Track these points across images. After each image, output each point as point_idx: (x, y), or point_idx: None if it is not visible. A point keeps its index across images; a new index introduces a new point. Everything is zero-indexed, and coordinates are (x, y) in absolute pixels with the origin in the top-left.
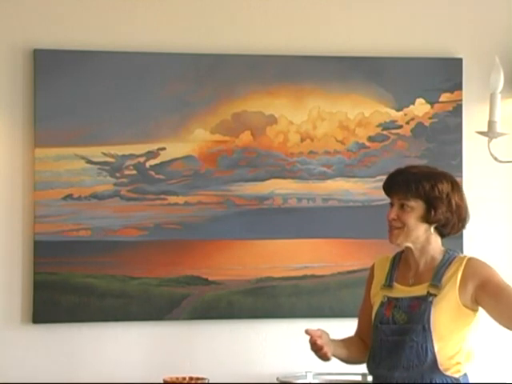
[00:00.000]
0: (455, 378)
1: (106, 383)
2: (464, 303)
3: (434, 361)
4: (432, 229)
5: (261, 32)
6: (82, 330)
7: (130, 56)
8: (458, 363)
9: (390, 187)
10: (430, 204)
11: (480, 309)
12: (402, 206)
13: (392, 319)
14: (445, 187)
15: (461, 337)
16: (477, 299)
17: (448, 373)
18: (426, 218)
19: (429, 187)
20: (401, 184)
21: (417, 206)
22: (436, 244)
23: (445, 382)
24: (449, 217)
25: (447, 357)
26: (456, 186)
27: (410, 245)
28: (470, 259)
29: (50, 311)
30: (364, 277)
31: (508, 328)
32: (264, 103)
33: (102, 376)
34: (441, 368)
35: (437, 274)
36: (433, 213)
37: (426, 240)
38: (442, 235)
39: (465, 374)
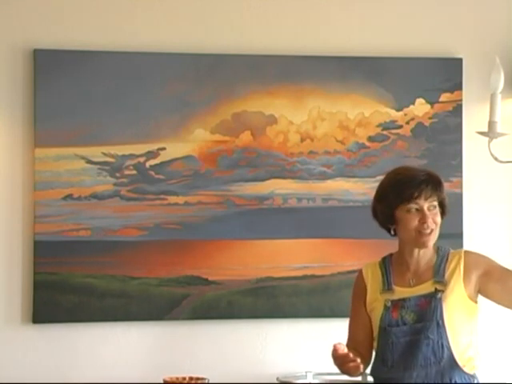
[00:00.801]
0: (472, 376)
1: (106, 383)
2: (469, 295)
3: (451, 356)
4: None
5: (261, 32)
6: (81, 330)
7: (130, 56)
8: (471, 358)
9: (421, 191)
10: (443, 200)
11: (478, 305)
12: (429, 209)
13: (401, 320)
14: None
15: (470, 330)
16: (481, 288)
17: (465, 369)
18: (442, 215)
19: (443, 186)
20: (431, 186)
21: (437, 204)
22: None
23: (464, 381)
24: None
25: (461, 351)
26: None
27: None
28: (466, 252)
29: (49, 311)
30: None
31: None
32: (264, 103)
33: (102, 376)
34: (459, 364)
35: (438, 271)
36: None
37: None
38: None
39: (475, 372)
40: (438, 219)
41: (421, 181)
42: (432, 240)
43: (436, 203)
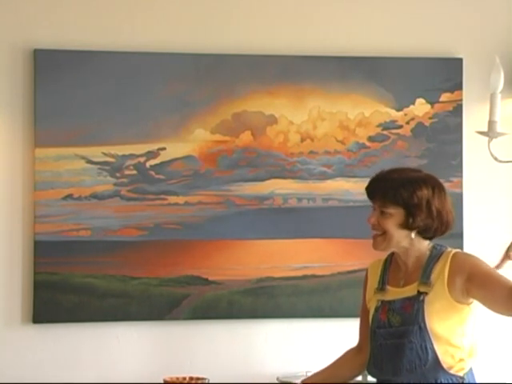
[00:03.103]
0: (460, 377)
1: (106, 383)
2: (456, 299)
3: (436, 360)
4: (413, 234)
5: (261, 32)
6: (82, 330)
7: (129, 56)
8: (461, 360)
9: (370, 193)
10: (409, 211)
11: (472, 307)
12: (382, 212)
13: (388, 323)
14: (424, 194)
15: (459, 332)
16: (468, 292)
17: (452, 371)
18: (406, 225)
19: (407, 195)
20: (379, 191)
21: (396, 212)
22: (421, 245)
23: (450, 381)
24: (429, 223)
25: (449, 354)
26: (437, 191)
27: (393, 249)
28: (454, 254)
29: (50, 311)
30: (364, 277)
31: (504, 314)
32: (264, 103)
33: (102, 376)
34: (444, 366)
35: (425, 271)
36: (411, 220)
37: (408, 244)
38: (426, 238)
39: (470, 370)
40: (387, 225)
41: (371, 182)
42: (380, 244)
43: (388, 210)
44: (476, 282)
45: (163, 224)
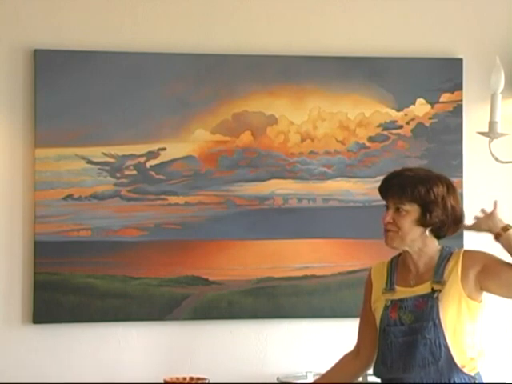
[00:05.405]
0: (472, 377)
1: (106, 383)
2: (468, 294)
3: (450, 356)
4: (427, 231)
5: (261, 32)
6: (82, 330)
7: (129, 56)
8: (472, 359)
9: (385, 190)
10: (426, 208)
11: (482, 305)
12: (397, 210)
13: (399, 321)
14: (440, 190)
15: (470, 330)
16: (481, 285)
17: (465, 370)
18: (422, 222)
19: (424, 191)
20: (396, 188)
21: (412, 209)
22: (432, 245)
23: (463, 381)
24: (444, 219)
25: (461, 351)
26: (451, 189)
27: (406, 248)
28: (465, 251)
29: (50, 311)
30: (364, 277)
31: None
32: (264, 103)
33: (102, 376)
34: (458, 364)
35: (437, 271)
36: (428, 216)
37: (422, 243)
38: (438, 237)
39: (478, 373)
40: (402, 222)
41: (386, 179)
42: (393, 241)
43: (405, 207)
44: (490, 272)
45: (163, 224)
